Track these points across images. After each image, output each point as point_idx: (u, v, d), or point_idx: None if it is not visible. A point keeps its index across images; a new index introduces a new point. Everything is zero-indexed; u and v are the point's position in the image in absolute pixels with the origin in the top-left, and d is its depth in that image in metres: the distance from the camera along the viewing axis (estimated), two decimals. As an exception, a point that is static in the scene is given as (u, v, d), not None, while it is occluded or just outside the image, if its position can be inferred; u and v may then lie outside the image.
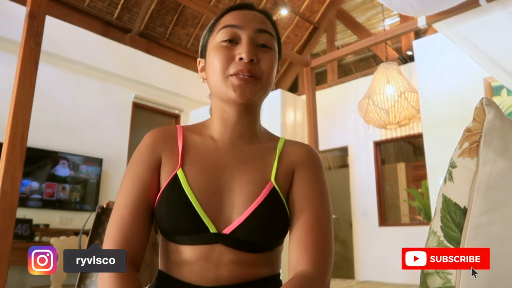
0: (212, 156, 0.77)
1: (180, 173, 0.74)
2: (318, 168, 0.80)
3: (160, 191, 0.74)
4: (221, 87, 0.75)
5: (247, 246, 0.71)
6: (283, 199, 0.75)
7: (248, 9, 0.80)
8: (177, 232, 0.72)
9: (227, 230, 0.70)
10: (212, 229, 0.70)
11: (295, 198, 0.76)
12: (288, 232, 0.76)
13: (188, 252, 0.71)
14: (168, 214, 0.71)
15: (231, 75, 0.74)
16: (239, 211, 0.72)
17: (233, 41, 0.76)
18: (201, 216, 0.70)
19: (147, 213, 0.73)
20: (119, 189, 0.76)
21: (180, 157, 0.76)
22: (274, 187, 0.74)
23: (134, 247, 0.71)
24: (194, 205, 0.70)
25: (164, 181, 0.74)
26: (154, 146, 0.77)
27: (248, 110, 0.79)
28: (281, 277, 0.79)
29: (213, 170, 0.75)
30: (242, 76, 0.73)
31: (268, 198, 0.73)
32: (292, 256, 0.71)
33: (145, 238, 0.73)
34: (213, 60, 0.76)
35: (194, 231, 0.70)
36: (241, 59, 0.73)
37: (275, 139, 0.85)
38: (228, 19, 0.78)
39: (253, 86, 0.74)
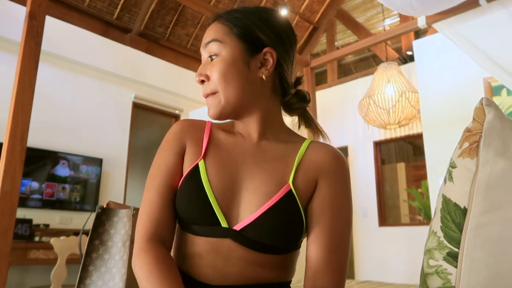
0: (233, 152, 0.79)
1: (201, 165, 0.76)
2: (344, 178, 0.78)
3: (181, 179, 0.76)
4: None
5: (256, 245, 0.71)
6: (299, 203, 0.73)
7: (209, 25, 0.82)
8: (190, 221, 0.73)
9: (237, 227, 0.71)
10: (224, 223, 0.71)
11: (317, 208, 0.74)
12: (306, 238, 0.75)
13: (200, 243, 0.72)
14: (184, 202, 0.74)
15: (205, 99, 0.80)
16: (251, 210, 0.72)
17: None
18: (214, 209, 0.71)
19: (173, 197, 0.76)
20: (148, 174, 0.79)
21: (204, 149, 0.78)
22: (290, 190, 0.74)
23: (163, 228, 0.74)
24: (209, 198, 0.72)
25: (186, 170, 0.77)
26: (181, 133, 0.80)
27: (249, 114, 0.80)
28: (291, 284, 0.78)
29: (232, 166, 0.76)
30: (206, 97, 0.79)
31: (283, 200, 0.72)
32: (315, 270, 0.71)
33: (172, 220, 0.76)
34: None
35: (206, 223, 0.72)
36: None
37: (300, 139, 0.83)
38: None
39: (213, 103, 0.78)
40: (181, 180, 0.76)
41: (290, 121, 0.90)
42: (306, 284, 0.71)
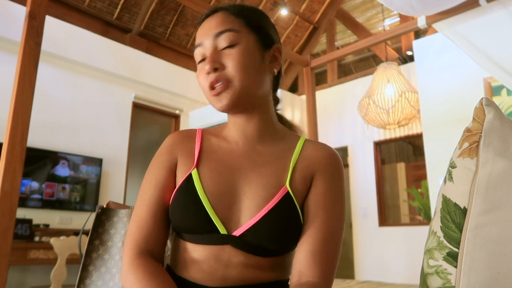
0: (227, 158, 0.78)
1: (194, 174, 0.75)
2: (338, 175, 0.79)
3: (175, 190, 0.75)
4: (211, 103, 0.78)
5: (257, 249, 0.70)
6: (297, 205, 0.73)
7: (210, 15, 0.79)
8: (187, 231, 0.73)
9: (236, 232, 0.71)
10: (222, 230, 0.70)
11: (312, 205, 0.74)
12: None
13: (199, 251, 0.71)
14: (179, 213, 0.73)
15: (211, 91, 0.75)
16: (250, 215, 0.71)
17: (203, 60, 0.77)
18: (211, 217, 0.71)
19: (163, 212, 0.75)
20: (140, 188, 0.79)
21: (196, 158, 0.77)
22: (288, 192, 0.73)
23: (153, 242, 0.74)
24: (205, 206, 0.71)
25: (179, 181, 0.76)
26: (171, 147, 0.80)
27: (250, 111, 0.79)
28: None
29: (227, 172, 0.75)
30: (215, 87, 0.74)
31: (281, 203, 0.72)
32: (303, 263, 0.70)
33: (163, 234, 0.76)
34: (198, 81, 0.79)
35: (204, 231, 0.71)
36: (209, 73, 0.74)
37: (295, 138, 0.82)
38: (197, 37, 0.80)
39: (227, 92, 0.74)
40: (174, 192, 0.75)
41: None
42: (293, 276, 0.71)
